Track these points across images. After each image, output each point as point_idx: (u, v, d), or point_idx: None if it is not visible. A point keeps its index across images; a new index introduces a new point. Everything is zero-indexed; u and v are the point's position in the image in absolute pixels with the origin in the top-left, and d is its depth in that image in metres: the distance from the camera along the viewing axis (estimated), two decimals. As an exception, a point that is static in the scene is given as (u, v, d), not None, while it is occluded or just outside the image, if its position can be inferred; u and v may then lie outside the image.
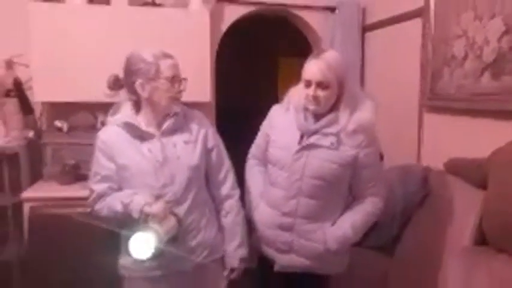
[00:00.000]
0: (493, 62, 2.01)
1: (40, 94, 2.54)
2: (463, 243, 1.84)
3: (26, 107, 2.55)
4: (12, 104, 2.51)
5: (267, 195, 1.81)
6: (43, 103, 2.74)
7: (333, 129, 1.66)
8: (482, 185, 1.86)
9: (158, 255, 1.34)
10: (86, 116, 2.74)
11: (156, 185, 1.52)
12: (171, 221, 1.43)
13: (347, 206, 1.78)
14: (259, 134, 1.92)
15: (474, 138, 2.16)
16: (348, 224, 1.70)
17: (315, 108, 1.67)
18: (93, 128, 2.69)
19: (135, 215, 1.42)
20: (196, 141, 1.61)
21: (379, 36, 3.14)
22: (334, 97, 1.67)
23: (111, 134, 1.57)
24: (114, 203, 1.50)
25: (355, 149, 1.66)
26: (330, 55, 1.67)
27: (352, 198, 1.80)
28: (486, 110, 2.07)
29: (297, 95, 1.76)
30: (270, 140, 1.81)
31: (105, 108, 2.71)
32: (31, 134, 2.60)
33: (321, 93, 1.63)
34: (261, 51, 5.53)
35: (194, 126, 1.64)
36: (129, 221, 1.46)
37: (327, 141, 1.66)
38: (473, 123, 2.19)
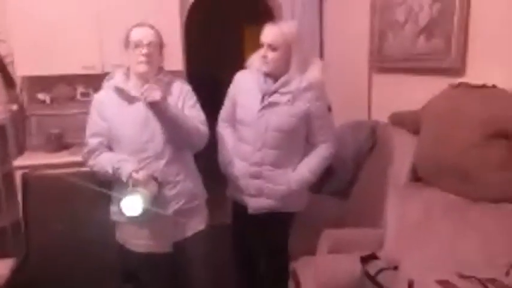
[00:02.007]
0: (426, 26, 2.32)
1: (22, 68, 2.72)
2: (402, 181, 2.20)
3: (8, 81, 2.71)
4: (-4, 80, 2.67)
5: (237, 150, 2.11)
6: (24, 77, 2.89)
7: (288, 88, 1.97)
8: (418, 132, 2.20)
9: (145, 211, 1.63)
10: (65, 88, 2.92)
11: (139, 141, 1.78)
12: (153, 184, 1.71)
13: (305, 153, 2.10)
14: (227, 98, 2.20)
15: (413, 94, 2.46)
16: (305, 168, 2.06)
17: (266, 69, 1.97)
18: (73, 99, 2.89)
19: (124, 178, 1.70)
20: (176, 103, 1.84)
21: (335, 2, 3.39)
22: (283, 59, 1.96)
23: (104, 96, 1.83)
24: (105, 164, 1.76)
25: (307, 103, 1.98)
26: (285, 23, 2.00)
27: (308, 146, 2.12)
28: (422, 68, 2.38)
29: (257, 60, 2.04)
30: (236, 102, 2.10)
31: (83, 80, 2.95)
32: (15, 107, 2.78)
33: (270, 54, 1.94)
34: (226, 21, 5.61)
35: (175, 91, 1.87)
36: (117, 180, 1.75)
37: (284, 99, 1.97)
38: (411, 80, 2.50)
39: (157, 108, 1.70)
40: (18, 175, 2.50)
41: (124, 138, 1.80)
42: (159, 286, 1.93)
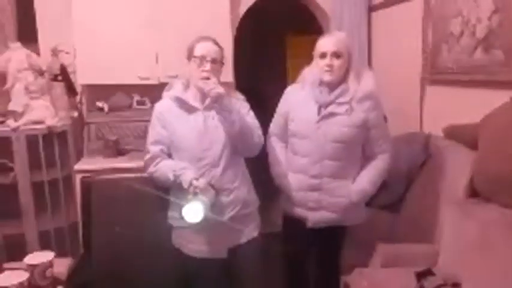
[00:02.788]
0: (484, 38, 2.27)
1: (83, 77, 2.88)
2: (458, 197, 2.14)
3: (71, 90, 2.87)
4: (60, 87, 2.83)
5: (291, 164, 2.12)
6: (83, 86, 3.06)
7: (345, 98, 1.97)
8: (475, 147, 2.15)
9: (204, 218, 1.68)
10: (122, 96, 3.06)
11: (198, 149, 1.84)
12: (211, 192, 1.76)
13: (362, 165, 2.09)
14: (277, 113, 2.21)
15: (469, 106, 2.43)
16: (366, 179, 2.05)
17: (330, 78, 1.97)
18: (130, 107, 3.02)
19: (185, 185, 1.76)
20: None
21: (384, 15, 3.38)
22: (345, 67, 1.98)
23: (164, 106, 1.91)
24: (167, 171, 1.83)
25: (364, 113, 1.98)
26: (340, 33, 2.07)
27: (365, 158, 2.11)
28: (478, 81, 2.33)
29: (310, 73, 2.06)
30: (289, 116, 2.12)
31: (139, 89, 3.08)
32: (75, 114, 2.93)
33: (335, 62, 1.95)
34: (269, 30, 5.61)
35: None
36: (176, 187, 1.82)
37: (341, 109, 1.97)
38: (468, 93, 2.45)
39: (221, 104, 1.75)
40: (77, 178, 2.63)
41: (183, 147, 1.87)
42: (211, 291, 1.96)
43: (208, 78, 1.78)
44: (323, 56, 1.97)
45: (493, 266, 1.69)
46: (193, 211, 1.67)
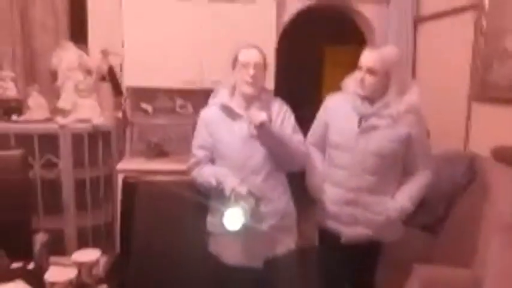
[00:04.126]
0: (542, 57, 2.18)
1: (129, 79, 2.96)
2: (505, 222, 2.06)
3: (116, 90, 2.95)
4: (106, 88, 2.92)
5: (329, 176, 2.08)
6: (128, 87, 3.13)
7: (387, 111, 1.93)
8: (526, 171, 2.06)
9: (244, 226, 1.70)
10: (165, 100, 3.12)
11: (240, 156, 1.85)
12: (251, 200, 1.76)
13: (401, 181, 2.03)
14: (316, 122, 2.18)
15: (521, 128, 2.33)
16: (406, 196, 1.98)
17: (361, 91, 1.95)
18: (173, 111, 3.07)
19: (227, 192, 1.77)
20: (275, 122, 1.90)
21: (432, 28, 3.29)
22: (380, 84, 1.93)
23: (211, 113, 1.94)
24: (209, 176, 1.86)
25: (407, 127, 1.92)
26: (385, 49, 1.96)
27: (404, 174, 2.05)
28: (533, 101, 2.24)
29: (353, 83, 2.02)
30: (328, 126, 2.09)
31: (182, 93, 3.12)
32: (120, 114, 3.01)
33: (367, 77, 1.92)
34: (309, 39, 5.61)
35: (275, 109, 1.94)
36: (218, 192, 1.83)
37: (383, 122, 1.93)
38: (520, 113, 2.36)
39: (264, 129, 1.77)
40: (118, 178, 2.69)
41: (227, 153, 1.89)
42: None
43: (252, 83, 1.82)
44: (359, 68, 1.96)
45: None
46: (233, 218, 1.68)
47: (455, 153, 2.62)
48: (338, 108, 2.07)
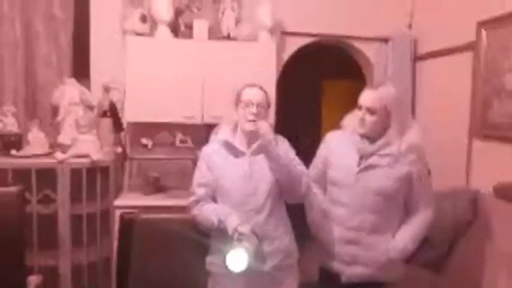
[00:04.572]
0: (541, 96, 2.20)
1: (130, 115, 2.97)
2: (509, 265, 2.02)
3: (117, 126, 2.95)
4: (106, 123, 2.92)
5: (329, 214, 2.05)
6: (128, 123, 3.14)
7: (388, 150, 1.92)
8: (530, 209, 2.04)
9: (247, 266, 1.65)
10: (165, 134, 3.12)
11: (242, 194, 1.83)
12: (254, 239, 1.73)
13: (402, 219, 2.01)
14: (316, 159, 2.17)
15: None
16: (407, 237, 1.95)
17: (361, 131, 1.95)
18: (173, 145, 3.06)
19: (229, 231, 1.74)
20: None
21: (431, 66, 3.34)
22: (380, 124, 1.93)
23: (212, 149, 1.93)
24: (210, 215, 1.82)
25: (408, 166, 1.92)
26: (385, 89, 1.97)
27: (406, 213, 2.02)
28: (534, 139, 2.25)
29: (353, 121, 2.03)
30: (329, 163, 2.08)
31: (183, 128, 3.13)
32: (119, 149, 3.00)
33: (367, 117, 1.92)
34: (308, 74, 5.65)
35: (278, 144, 1.91)
36: (219, 232, 1.80)
37: (384, 161, 1.92)
38: (521, 150, 2.36)
39: (269, 148, 1.78)
40: (116, 214, 2.64)
41: (228, 191, 1.86)
42: None
43: (254, 121, 1.82)
44: (359, 108, 1.96)
45: None
46: (237, 259, 1.64)
47: (457, 190, 2.61)
48: (338, 146, 2.06)
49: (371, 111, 1.91)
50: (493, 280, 2.01)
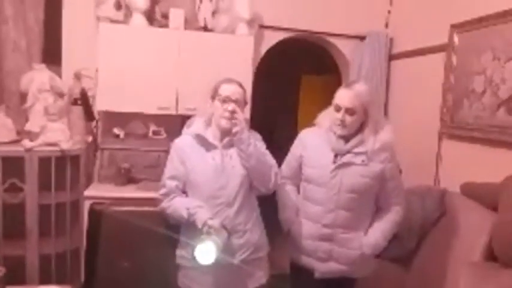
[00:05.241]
0: (508, 99, 2.27)
1: (102, 104, 2.89)
2: (474, 259, 2.08)
3: (89, 115, 2.88)
4: (77, 112, 2.84)
5: (303, 211, 2.07)
6: (100, 112, 3.07)
7: (362, 149, 1.94)
8: (494, 207, 2.11)
9: (216, 260, 1.64)
10: (138, 125, 3.06)
11: (213, 188, 1.82)
12: (224, 233, 1.73)
13: (373, 216, 2.05)
14: (290, 155, 2.17)
15: (488, 165, 2.40)
16: (379, 233, 1.99)
17: (341, 132, 1.95)
18: (145, 137, 3.01)
19: (199, 224, 1.73)
20: None
21: (405, 65, 3.40)
22: (359, 122, 1.95)
23: (184, 142, 1.91)
24: (180, 208, 1.81)
25: (381, 164, 1.95)
26: (360, 86, 1.98)
27: (377, 209, 2.06)
28: (500, 141, 2.31)
29: (328, 119, 2.04)
30: (303, 160, 2.08)
31: (156, 119, 3.09)
32: (90, 139, 2.93)
33: (348, 118, 1.93)
34: (284, 69, 5.69)
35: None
36: (189, 225, 1.79)
37: (358, 159, 1.94)
38: (488, 151, 2.43)
39: (240, 137, 1.78)
40: (85, 204, 2.59)
41: (199, 184, 1.85)
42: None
43: (231, 118, 1.81)
44: (338, 109, 1.95)
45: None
46: (205, 252, 1.62)
47: (426, 189, 2.66)
48: (313, 143, 2.07)
49: (351, 112, 1.92)
50: (457, 276, 2.06)
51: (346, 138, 1.98)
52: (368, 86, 2.05)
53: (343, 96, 1.95)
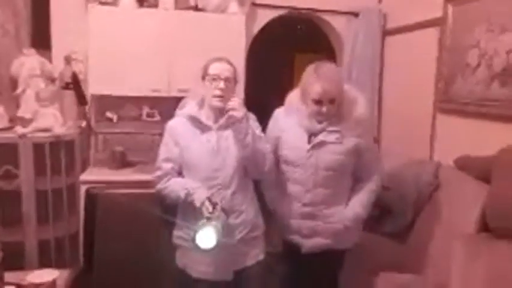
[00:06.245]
0: (501, 72, 2.26)
1: (94, 87, 2.87)
2: (468, 231, 2.10)
3: (81, 99, 2.86)
4: (70, 96, 2.82)
5: (285, 191, 2.07)
6: (93, 95, 3.04)
7: (335, 127, 1.94)
8: (487, 179, 2.12)
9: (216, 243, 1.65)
10: (132, 108, 3.05)
11: (209, 169, 1.82)
12: (222, 216, 1.73)
13: (352, 187, 2.08)
14: (267, 138, 2.08)
15: (482, 139, 2.40)
16: (358, 204, 2.03)
17: (323, 119, 1.94)
18: (139, 119, 3.00)
19: (198, 204, 1.72)
20: None
21: (399, 40, 3.37)
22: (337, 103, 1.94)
23: (178, 124, 1.89)
24: (178, 189, 1.80)
25: (355, 139, 1.96)
26: (329, 71, 1.93)
27: (354, 180, 2.08)
28: (494, 114, 2.31)
29: (297, 100, 2.02)
30: (280, 142, 2.07)
31: (149, 101, 3.07)
32: (84, 123, 2.92)
33: (330, 107, 1.91)
34: (279, 48, 5.64)
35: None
36: (186, 206, 1.79)
37: (332, 137, 1.95)
38: (481, 125, 2.43)
39: (238, 126, 1.75)
40: (82, 189, 2.59)
41: (195, 165, 1.85)
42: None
43: (221, 96, 1.79)
44: (318, 103, 1.90)
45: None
46: (206, 237, 1.63)
47: (421, 163, 2.68)
48: (286, 124, 2.06)
49: (332, 101, 1.90)
50: (452, 250, 2.08)
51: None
52: (334, 65, 2.03)
53: (318, 90, 1.89)
